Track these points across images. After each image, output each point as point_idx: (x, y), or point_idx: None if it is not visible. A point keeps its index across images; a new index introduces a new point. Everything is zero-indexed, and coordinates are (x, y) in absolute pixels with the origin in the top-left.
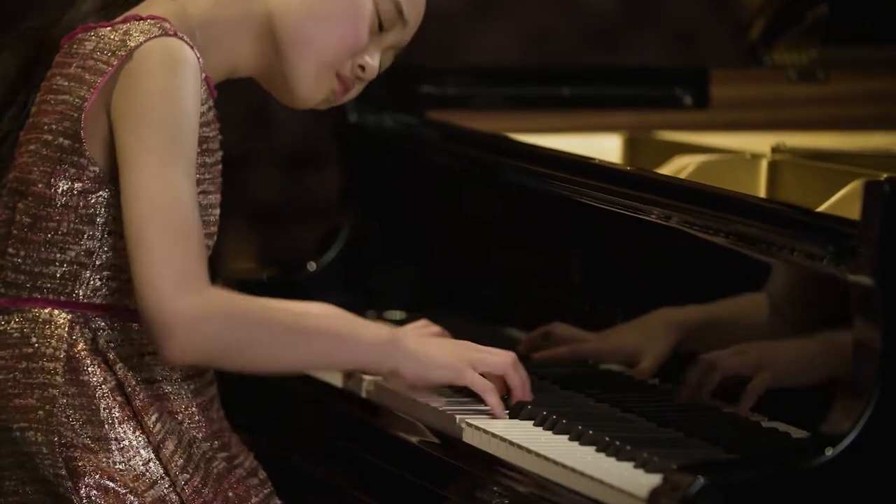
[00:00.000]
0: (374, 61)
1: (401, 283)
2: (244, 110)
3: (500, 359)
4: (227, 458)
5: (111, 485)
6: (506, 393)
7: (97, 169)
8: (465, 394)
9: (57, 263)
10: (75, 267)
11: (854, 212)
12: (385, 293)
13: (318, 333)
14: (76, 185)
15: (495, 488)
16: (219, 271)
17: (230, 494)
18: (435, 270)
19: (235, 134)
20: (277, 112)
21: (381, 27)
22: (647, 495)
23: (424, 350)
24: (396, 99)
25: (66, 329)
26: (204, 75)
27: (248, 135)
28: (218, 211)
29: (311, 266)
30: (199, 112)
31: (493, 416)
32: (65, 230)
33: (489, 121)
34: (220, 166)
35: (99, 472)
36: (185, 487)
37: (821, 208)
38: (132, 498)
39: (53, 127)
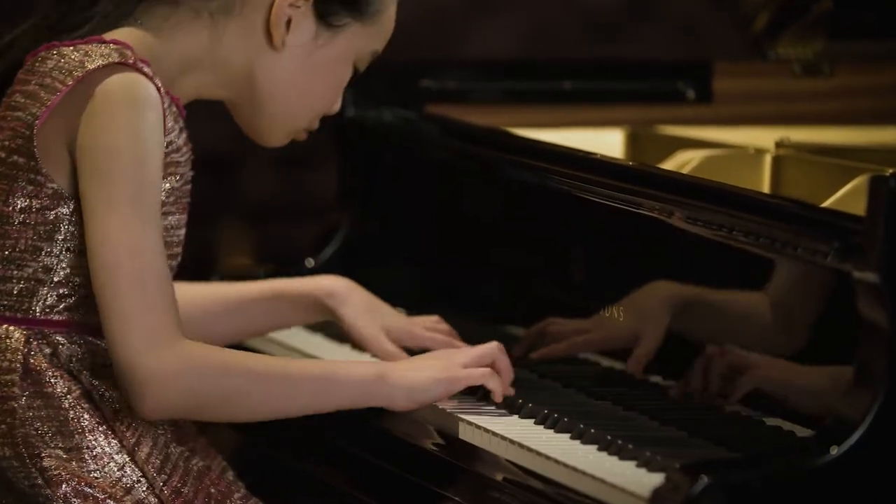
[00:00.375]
0: (339, 105)
1: (400, 281)
2: None
3: (487, 349)
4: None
5: (90, 491)
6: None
7: (55, 185)
8: (466, 392)
9: (14, 280)
10: (32, 283)
11: (859, 208)
12: (384, 291)
13: (303, 379)
14: (34, 202)
15: (495, 488)
16: (215, 269)
17: (212, 491)
18: (434, 268)
19: (230, 130)
20: None
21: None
22: (649, 495)
23: (411, 377)
24: (395, 93)
25: (22, 342)
26: (170, 99)
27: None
28: (182, 231)
29: (309, 263)
30: (162, 149)
31: (492, 415)
32: (22, 247)
33: (489, 115)
34: (189, 186)
35: (76, 479)
36: (163, 488)
37: (825, 204)
38: (111, 503)
39: (7, 144)
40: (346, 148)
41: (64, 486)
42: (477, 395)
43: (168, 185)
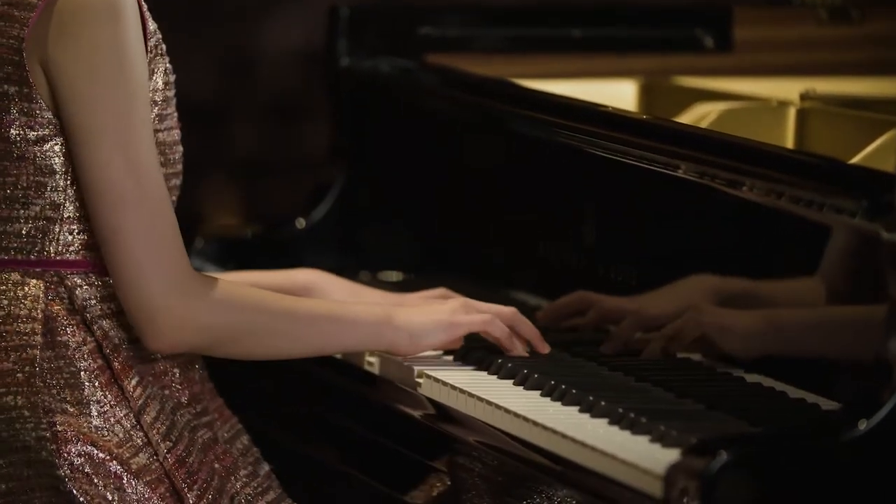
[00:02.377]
0: None
1: (396, 242)
2: (223, 55)
3: (482, 316)
4: (207, 425)
5: (94, 451)
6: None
7: (50, 115)
8: (471, 362)
9: (21, 220)
10: (42, 222)
11: (890, 164)
12: (379, 253)
13: (313, 319)
14: (29, 133)
15: (498, 463)
16: (201, 229)
17: (216, 466)
18: (433, 228)
19: (215, 81)
20: (260, 57)
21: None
22: (664, 472)
23: (415, 320)
24: (392, 41)
25: (42, 289)
26: None
27: (229, 82)
28: (180, 147)
29: (300, 223)
30: (145, 54)
31: (496, 387)
32: (25, 184)
33: (493, 65)
34: (173, 91)
35: (81, 439)
36: (167, 456)
37: (853, 160)
38: (116, 465)
39: None
40: (340, 100)
41: (69, 445)
42: (482, 364)
43: (161, 80)
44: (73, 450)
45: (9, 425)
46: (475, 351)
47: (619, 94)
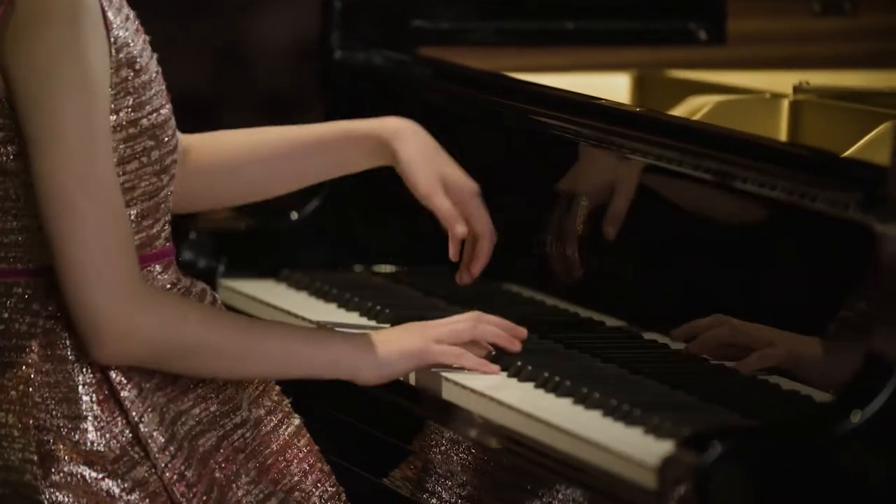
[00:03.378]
0: None
1: (390, 235)
2: (214, 47)
3: (464, 324)
4: (228, 399)
5: (86, 471)
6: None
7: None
8: None
9: (15, 231)
10: (34, 233)
11: (883, 156)
12: (372, 245)
13: (265, 342)
14: (10, 148)
15: (491, 455)
16: (194, 222)
17: (217, 475)
18: (427, 221)
19: (206, 73)
20: (253, 49)
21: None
22: (658, 464)
23: (379, 350)
24: (385, 34)
25: (40, 301)
26: None
27: (222, 75)
28: (173, 122)
29: (293, 215)
30: (107, 60)
31: (489, 379)
32: (13, 196)
33: (486, 58)
34: (158, 69)
35: (73, 458)
36: (165, 470)
37: (847, 153)
38: (109, 482)
39: None
40: (333, 93)
41: (60, 465)
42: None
43: (139, 81)
44: (63, 469)
45: None
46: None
47: (613, 86)
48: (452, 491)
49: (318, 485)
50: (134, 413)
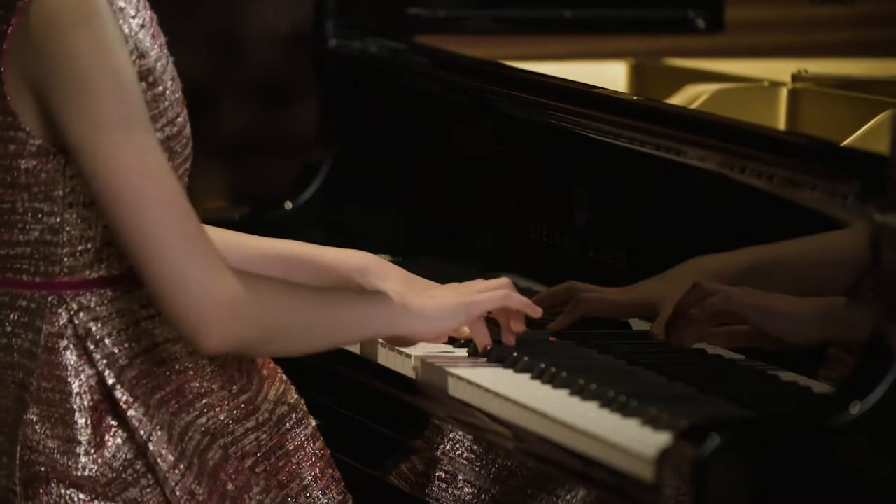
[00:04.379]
0: None
1: (385, 224)
2: (209, 35)
3: (500, 291)
4: (248, 401)
5: (75, 495)
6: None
7: (39, 141)
8: (459, 345)
9: (22, 244)
10: (42, 247)
11: (883, 145)
12: (368, 235)
13: (344, 307)
14: (20, 162)
15: (488, 448)
16: None
17: (229, 487)
18: (422, 211)
19: (201, 61)
20: (247, 37)
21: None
22: (655, 455)
23: (430, 304)
24: (380, 22)
25: (45, 318)
26: None
27: (216, 63)
28: (189, 129)
29: (288, 205)
30: (129, 56)
31: (484, 369)
32: (21, 210)
33: (483, 46)
34: (174, 76)
35: (62, 481)
36: (175, 489)
37: (846, 142)
38: (103, 502)
39: None
40: (328, 81)
41: (49, 487)
42: (469, 346)
43: (158, 91)
44: (52, 492)
45: None
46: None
47: (611, 75)
48: (447, 482)
49: (326, 491)
50: (142, 432)
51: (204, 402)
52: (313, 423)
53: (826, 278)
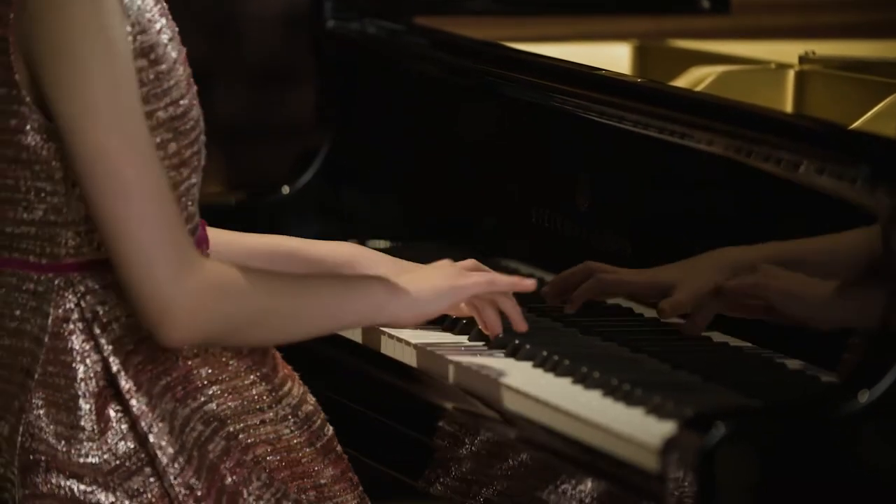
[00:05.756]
0: None
1: (384, 209)
2: (206, 18)
3: (486, 275)
4: (270, 391)
5: (74, 485)
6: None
7: (40, 117)
8: (459, 331)
9: (27, 224)
10: (46, 227)
11: (891, 128)
12: (366, 220)
13: (320, 295)
14: (21, 138)
15: (489, 437)
16: None
17: (227, 481)
18: (422, 195)
19: (197, 44)
20: (244, 18)
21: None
22: (660, 444)
23: (413, 290)
24: (379, 3)
25: (52, 301)
26: None
27: (212, 45)
28: (199, 113)
29: (285, 190)
30: (128, 32)
31: (486, 356)
32: (24, 188)
33: (484, 27)
34: (181, 57)
35: (62, 470)
36: (174, 482)
37: (854, 125)
38: (100, 495)
39: None
40: (326, 63)
41: (48, 476)
42: (470, 334)
43: (154, 72)
44: (51, 481)
45: None
46: (462, 320)
47: (614, 57)
48: (449, 472)
49: (342, 493)
50: (143, 423)
51: (213, 389)
52: (331, 427)
53: (846, 273)
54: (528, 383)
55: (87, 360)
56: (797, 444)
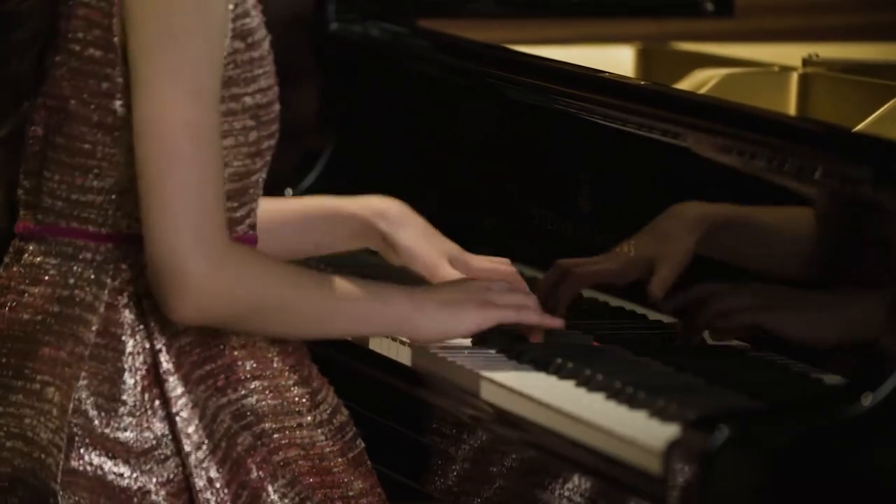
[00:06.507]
0: None
1: None
2: None
3: (518, 305)
4: (310, 395)
5: (106, 463)
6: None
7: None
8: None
9: (95, 191)
10: (115, 196)
11: (895, 131)
12: None
13: (341, 300)
14: (108, 102)
15: (492, 439)
16: None
17: (252, 476)
18: (425, 198)
19: None
20: None
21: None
22: (663, 448)
23: (443, 311)
24: (383, 5)
25: (110, 272)
26: None
27: None
28: (278, 106)
29: (288, 192)
30: (228, 14)
31: (489, 360)
32: (100, 155)
33: (487, 30)
34: (270, 49)
35: (97, 449)
36: (194, 471)
37: (858, 127)
38: (128, 479)
39: (81, 36)
40: (329, 66)
41: (83, 451)
42: (473, 337)
43: (248, 56)
44: (84, 458)
45: (35, 414)
46: None
47: (618, 59)
48: (450, 474)
49: None
50: (174, 407)
51: (255, 384)
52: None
53: (794, 252)
54: (532, 386)
55: (137, 336)
56: (800, 447)
